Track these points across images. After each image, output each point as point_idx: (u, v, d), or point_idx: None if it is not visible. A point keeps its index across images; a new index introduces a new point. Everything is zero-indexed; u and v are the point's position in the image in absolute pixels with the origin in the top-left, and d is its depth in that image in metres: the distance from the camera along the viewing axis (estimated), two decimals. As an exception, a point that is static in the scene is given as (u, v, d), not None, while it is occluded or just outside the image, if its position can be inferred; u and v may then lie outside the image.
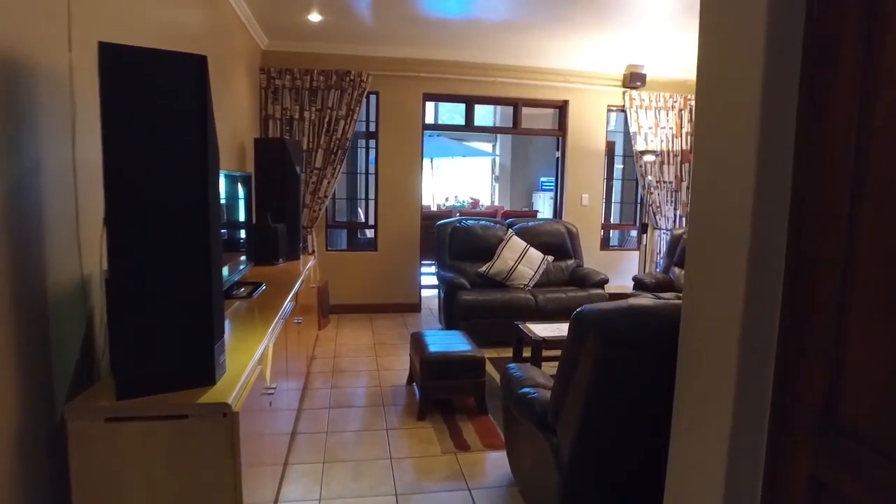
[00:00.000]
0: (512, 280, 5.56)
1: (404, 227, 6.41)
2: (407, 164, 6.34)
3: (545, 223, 6.05)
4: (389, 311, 6.44)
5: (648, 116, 6.70)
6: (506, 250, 5.65)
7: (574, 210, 6.77)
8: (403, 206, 6.39)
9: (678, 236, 5.94)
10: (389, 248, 6.40)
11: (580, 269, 5.84)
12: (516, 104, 6.61)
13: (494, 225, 5.93)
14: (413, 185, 6.39)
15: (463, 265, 5.71)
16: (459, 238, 5.75)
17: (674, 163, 6.81)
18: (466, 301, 5.10)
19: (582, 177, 6.76)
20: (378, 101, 6.23)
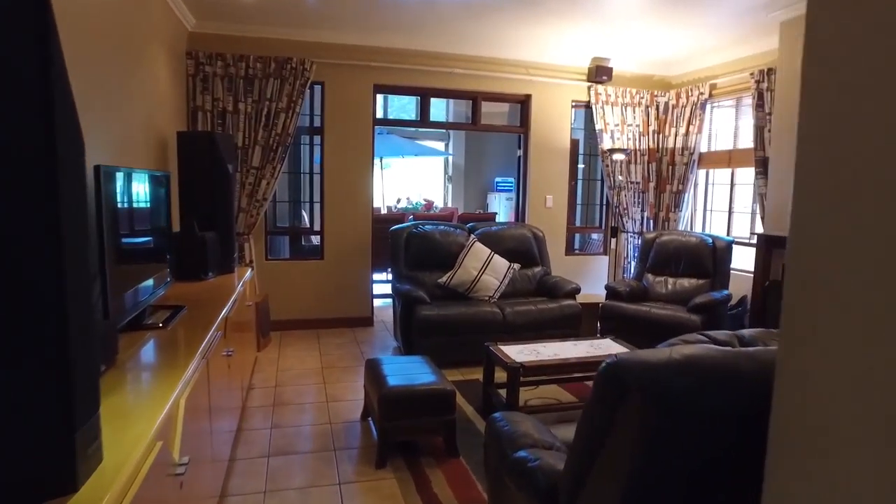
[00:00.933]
0: (476, 292, 5.01)
1: (354, 232, 5.77)
2: (356, 162, 5.70)
3: (509, 227, 5.53)
4: (339, 326, 5.79)
5: (615, 113, 6.29)
6: (468, 258, 5.10)
7: (538, 212, 6.29)
8: (352, 210, 5.75)
9: (651, 240, 5.54)
10: (337, 255, 5.74)
11: (549, 278, 5.36)
12: (476, 98, 6.07)
13: (454, 230, 5.37)
14: (363, 186, 5.76)
15: (421, 275, 5.12)
16: (416, 245, 5.16)
17: (641, 162, 6.43)
18: (426, 317, 4.52)
19: (546, 177, 6.29)
20: (323, 93, 5.57)
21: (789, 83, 4.50)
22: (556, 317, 4.84)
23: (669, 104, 6.35)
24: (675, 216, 6.30)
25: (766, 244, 4.68)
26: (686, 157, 6.13)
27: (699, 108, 5.98)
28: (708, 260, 5.17)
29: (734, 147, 5.82)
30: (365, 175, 5.75)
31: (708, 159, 6.11)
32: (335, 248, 5.73)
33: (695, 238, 5.30)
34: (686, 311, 4.76)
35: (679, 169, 6.23)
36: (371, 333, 5.67)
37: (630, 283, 5.33)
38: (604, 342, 3.91)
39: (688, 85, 6.15)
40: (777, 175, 4.63)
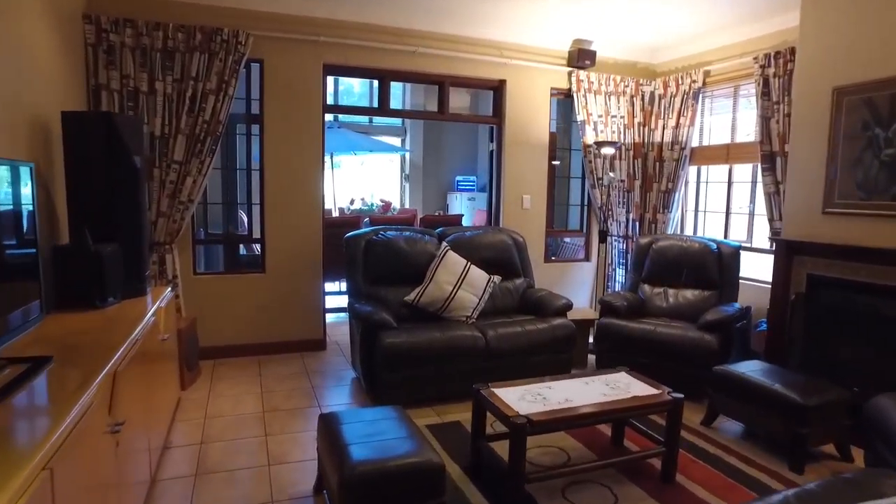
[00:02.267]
0: (450, 311, 4.15)
1: (301, 239, 4.81)
2: (303, 157, 4.74)
3: (486, 233, 4.69)
4: (284, 352, 4.81)
5: (598, 102, 5.54)
6: (440, 271, 4.22)
7: (513, 215, 5.48)
8: (300, 213, 4.78)
9: (646, 246, 4.80)
10: (282, 267, 4.77)
11: (533, 292, 4.54)
12: (443, 83, 5.20)
13: (422, 237, 4.48)
14: (312, 186, 4.80)
15: (384, 292, 4.22)
16: (378, 256, 4.25)
17: (626, 158, 5.71)
18: (392, 346, 3.62)
19: (523, 174, 5.48)
20: (262, 73, 4.58)
21: (815, 64, 3.83)
22: (546, 339, 4.02)
23: (656, 94, 5.66)
24: (664, 218, 5.62)
25: (786, 251, 4.00)
26: (677, 152, 5.44)
27: (691, 98, 5.30)
28: (713, 268, 4.47)
29: (732, 141, 5.17)
30: (314, 172, 4.79)
31: (701, 155, 5.44)
32: (279, 258, 4.76)
33: (697, 243, 4.59)
34: (696, 328, 4.04)
35: (668, 165, 5.54)
36: (324, 360, 4.72)
37: (625, 296, 4.58)
38: (620, 378, 3.11)
39: (677, 72, 5.47)
40: (799, 172, 3.96)
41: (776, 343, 4.08)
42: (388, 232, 4.40)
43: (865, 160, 3.58)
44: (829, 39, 3.78)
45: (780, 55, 4.45)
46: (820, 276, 3.84)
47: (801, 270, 3.95)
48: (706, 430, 3.54)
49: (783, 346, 4.05)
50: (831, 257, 3.75)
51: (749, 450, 3.27)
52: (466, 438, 3.26)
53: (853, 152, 3.65)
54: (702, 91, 5.28)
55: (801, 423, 3.03)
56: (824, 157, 3.80)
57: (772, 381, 3.26)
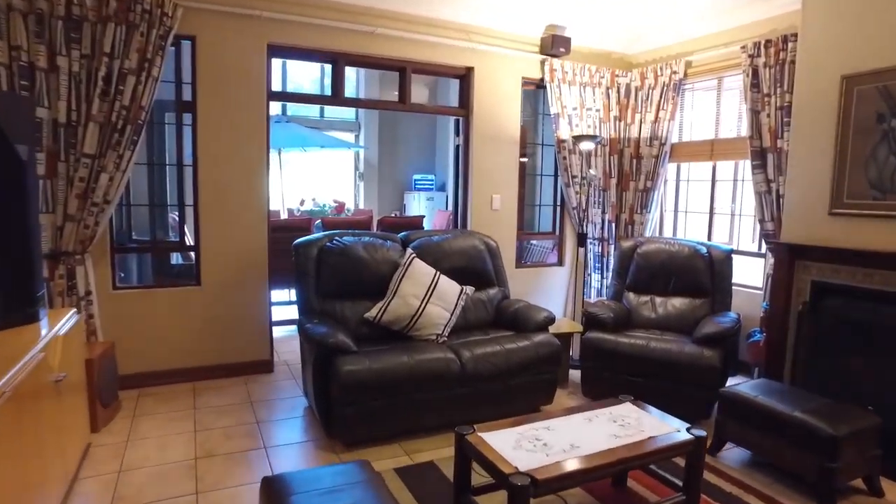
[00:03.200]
0: (418, 329, 3.56)
1: (244, 246, 4.12)
2: (246, 151, 4.06)
3: (455, 237, 4.12)
4: (225, 376, 4.12)
5: (573, 93, 5.06)
6: (406, 282, 3.63)
7: (482, 216, 4.93)
8: (242, 216, 4.10)
9: (629, 250, 4.34)
10: (221, 278, 4.07)
11: (509, 303, 4.01)
12: (404, 69, 4.60)
13: (384, 242, 3.87)
14: (256, 185, 4.12)
15: (340, 308, 3.60)
16: (333, 266, 3.62)
17: (601, 154, 5.25)
18: (352, 374, 3.01)
19: (492, 172, 4.94)
20: (195, 52, 3.87)
21: (821, 50, 3.44)
22: (529, 359, 3.49)
23: (632, 86, 5.22)
24: (642, 219, 5.19)
25: (788, 255, 3.61)
26: (656, 148, 5.02)
27: (672, 90, 4.88)
28: (704, 274, 4.05)
29: (716, 136, 4.78)
30: (258, 169, 4.12)
31: (682, 151, 5.03)
32: (218, 268, 4.06)
33: (685, 247, 4.16)
34: (693, 343, 3.59)
35: (647, 162, 5.11)
36: (271, 385, 4.05)
37: (611, 306, 4.10)
38: (627, 411, 2.60)
39: (656, 63, 5.05)
40: (802, 170, 3.56)
41: (775, 357, 3.68)
42: (345, 237, 3.77)
43: (880, 156, 3.20)
44: (837, 23, 3.38)
45: (770, 44, 4.06)
46: (826, 283, 3.45)
47: (805, 277, 3.56)
48: (714, 461, 3.08)
49: (783, 360, 3.66)
50: (839, 262, 3.37)
51: (769, 485, 2.82)
52: (444, 484, 2.70)
53: (865, 147, 3.26)
54: (682, 83, 4.87)
55: (832, 456, 2.59)
56: (831, 152, 3.41)
57: (791, 406, 2.83)
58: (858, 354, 3.32)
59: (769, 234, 4.13)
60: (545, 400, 3.66)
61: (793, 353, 3.57)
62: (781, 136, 4.01)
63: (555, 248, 6.26)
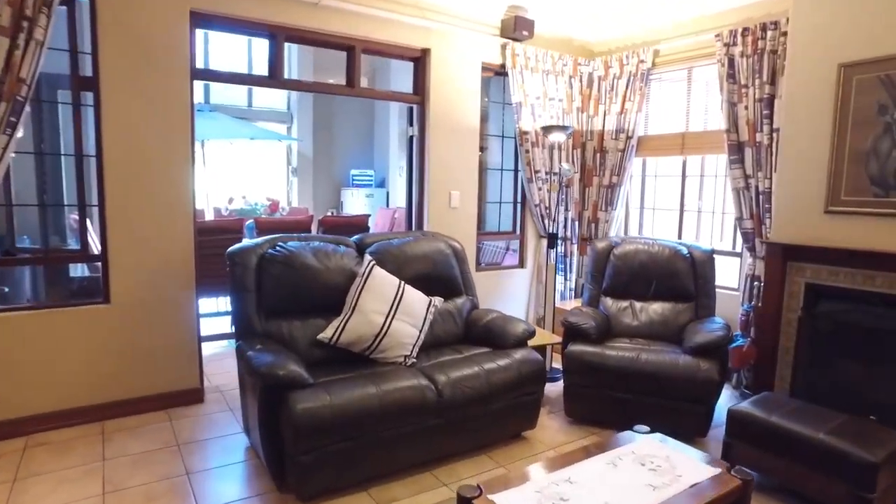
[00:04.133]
0: (383, 351, 2.97)
1: (165, 253, 3.38)
2: (164, 139, 3.32)
3: (417, 241, 3.55)
4: (144, 411, 3.37)
5: (535, 81, 4.61)
6: (366, 296, 3.03)
7: (440, 215, 4.40)
8: (162, 218, 3.35)
9: (604, 251, 3.94)
10: (136, 293, 3.32)
11: (480, 314, 3.49)
12: (352, 49, 3.98)
13: (336, 248, 3.25)
14: (178, 180, 3.39)
15: (287, 328, 2.96)
16: (278, 279, 2.97)
17: (564, 147, 4.84)
18: (309, 414, 2.40)
19: (451, 166, 4.41)
20: (95, 16, 3.09)
21: (815, 37, 3.15)
22: (511, 380, 2.99)
23: (595, 75, 4.85)
24: (608, 216, 4.84)
25: (780, 256, 3.32)
26: (622, 141, 4.67)
27: (639, 80, 4.54)
28: (687, 277, 3.71)
29: (686, 129, 4.47)
30: (181, 162, 3.38)
31: (649, 145, 4.70)
32: (132, 281, 3.30)
33: (666, 248, 3.81)
34: (685, 353, 3.23)
35: (612, 156, 4.76)
36: (202, 419, 3.35)
37: (588, 313, 3.67)
38: (654, 449, 2.16)
39: (621, 51, 4.69)
40: (794, 165, 3.27)
41: (765, 364, 3.40)
42: (290, 243, 3.13)
43: (882, 150, 2.94)
44: (832, 7, 3.09)
45: (748, 32, 3.77)
46: (822, 286, 3.18)
47: (798, 279, 3.28)
48: (724, 491, 2.71)
49: (773, 367, 3.38)
50: (838, 264, 3.10)
51: (791, 519, 2.49)
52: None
53: (865, 140, 2.99)
54: (650, 73, 4.53)
55: (868, 485, 2.28)
56: (827, 146, 3.13)
57: (812, 427, 2.50)
58: (860, 362, 3.08)
59: (748, 233, 3.85)
60: (528, 424, 3.19)
61: (791, 360, 3.29)
62: (761, 130, 3.74)
63: (508, 248, 5.84)
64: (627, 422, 3.11)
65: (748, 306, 3.81)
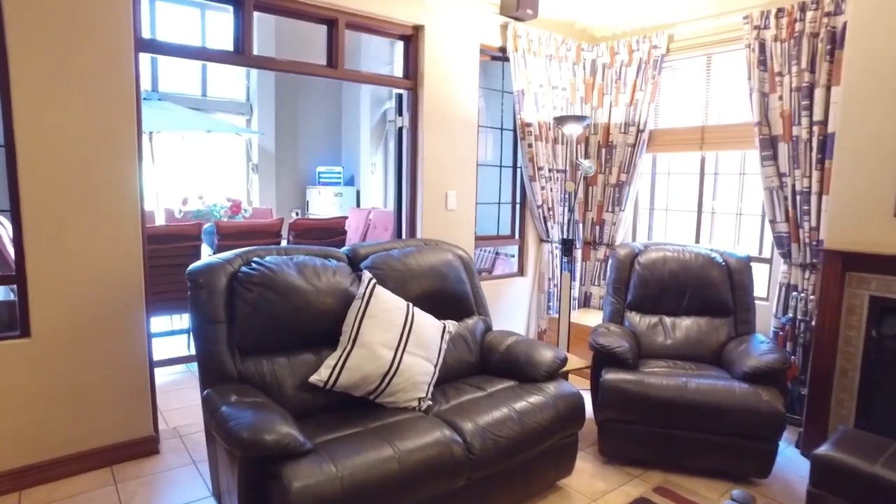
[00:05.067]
0: (392, 394, 2.32)
1: (106, 269, 2.62)
2: (102, 127, 2.55)
3: (420, 251, 2.91)
4: (79, 473, 2.60)
5: (538, 67, 4.03)
6: (369, 323, 2.37)
7: (435, 218, 3.76)
8: (102, 225, 2.59)
9: (627, 259, 3.40)
10: (67, 322, 2.54)
11: (496, 338, 2.88)
12: (334, 22, 3.28)
13: (325, 263, 2.56)
14: (123, 179, 2.63)
15: (269, 367, 2.27)
16: (255, 304, 2.26)
17: (565, 142, 4.29)
18: (310, 494, 1.73)
19: (446, 162, 3.78)
20: (3, -37, 2.31)
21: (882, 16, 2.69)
22: (550, 422, 2.39)
23: (599, 63, 4.30)
24: (615, 218, 4.31)
25: (840, 265, 2.84)
26: (632, 135, 4.14)
27: (651, 68, 4.02)
28: (723, 288, 3.21)
29: (705, 122, 3.98)
30: (126, 155, 2.62)
31: (661, 140, 4.19)
32: (60, 307, 2.52)
33: (698, 255, 3.29)
34: (734, 378, 2.71)
35: (621, 152, 4.23)
36: (157, 480, 2.61)
37: (617, 332, 3.12)
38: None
39: (629, 36, 4.16)
40: (853, 163, 2.80)
41: (820, 389, 2.93)
42: (267, 258, 2.43)
43: (968, 143, 2.50)
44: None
45: (783, 13, 3.30)
46: (891, 300, 2.73)
47: (860, 291, 2.82)
48: (812, 553, 2.22)
49: (828, 393, 2.92)
50: (911, 275, 2.66)
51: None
52: None
53: (947, 133, 2.56)
54: (664, 59, 4.02)
55: None
56: None
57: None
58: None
59: (782, 237, 3.39)
60: (565, 471, 2.61)
61: (851, 385, 2.83)
62: (798, 123, 3.28)
63: (498, 254, 5.26)
64: (672, 460, 2.59)
65: (785, 318, 3.36)
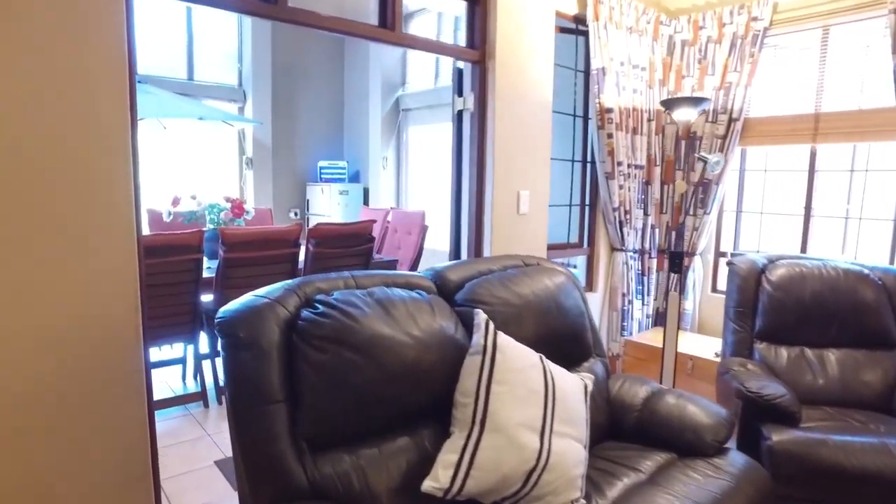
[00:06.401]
0: (538, 498, 1.50)
1: (85, 301, 1.71)
2: (78, 104, 1.64)
3: (524, 273, 2.08)
4: None
5: (619, 41, 3.25)
6: (498, 392, 1.54)
7: (505, 224, 2.94)
8: (74, 243, 1.68)
9: (752, 275, 2.65)
10: (22, 388, 1.64)
11: (627, 391, 2.09)
12: (393, -31, 2.42)
13: (417, 298, 1.73)
14: (111, 178, 1.73)
15: (352, 466, 1.42)
16: (330, 372, 1.41)
17: (645, 132, 3.52)
18: None
19: (520, 155, 2.96)
20: None
21: None
22: (747, 525, 1.65)
23: (677, 39, 3.55)
24: (697, 222, 3.57)
25: None
26: (723, 125, 3.40)
27: (749, 45, 3.28)
28: (883, 312, 2.50)
29: (818, 109, 3.26)
30: (113, 149, 1.73)
31: (756, 130, 3.46)
32: (13, 365, 1.62)
33: (845, 271, 2.57)
34: (950, 443, 2.00)
35: (707, 144, 3.49)
36: None
37: (753, 369, 2.38)
38: None
39: (715, 7, 3.42)
40: None
41: None
42: (335, 294, 1.58)
43: None
44: None
45: (939, -29, 2.60)
46: None
47: None
48: None
49: None
50: None
51: None
52: None
53: None
54: (766, 34, 3.28)
55: None
56: None
57: None
58: None
59: (935, 247, 2.71)
60: (746, 581, 1.85)
61: None
62: (960, 107, 2.59)
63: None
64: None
65: (942, 347, 2.67)
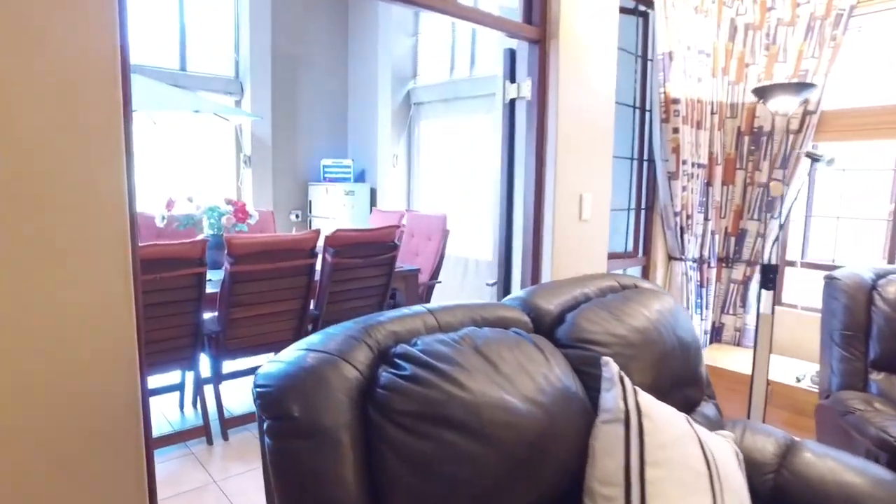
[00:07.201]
0: None
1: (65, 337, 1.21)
2: (61, 98, 1.15)
3: (630, 299, 1.63)
4: None
5: (684, 23, 2.81)
6: (655, 478, 1.09)
7: (566, 231, 2.48)
8: (57, 265, 1.19)
9: (861, 292, 2.23)
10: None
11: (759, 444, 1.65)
12: (450, -78, 1.95)
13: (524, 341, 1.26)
14: (98, 185, 1.24)
15: None
16: (425, 461, 0.95)
17: (708, 126, 3.08)
18: None
19: (583, 153, 2.51)
20: None
21: None
22: None
23: (739, 24, 3.12)
24: (762, 228, 3.16)
25: None
26: (797, 118, 2.98)
27: (831, 27, 2.87)
28: None
29: (908, 100, 2.86)
30: (104, 147, 1.23)
31: (832, 125, 3.04)
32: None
33: (975, 288, 2.17)
34: None
35: (778, 141, 3.07)
36: None
37: (882, 409, 1.96)
38: None
39: (788, -14, 3.00)
40: None
41: None
42: (422, 341, 1.11)
43: None
44: None
45: None
46: None
47: None
48: None
49: None
50: None
51: None
52: None
53: None
54: (852, 13, 2.86)
55: None
56: None
57: None
58: None
59: None
60: None
61: None
62: None
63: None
64: None
65: None
